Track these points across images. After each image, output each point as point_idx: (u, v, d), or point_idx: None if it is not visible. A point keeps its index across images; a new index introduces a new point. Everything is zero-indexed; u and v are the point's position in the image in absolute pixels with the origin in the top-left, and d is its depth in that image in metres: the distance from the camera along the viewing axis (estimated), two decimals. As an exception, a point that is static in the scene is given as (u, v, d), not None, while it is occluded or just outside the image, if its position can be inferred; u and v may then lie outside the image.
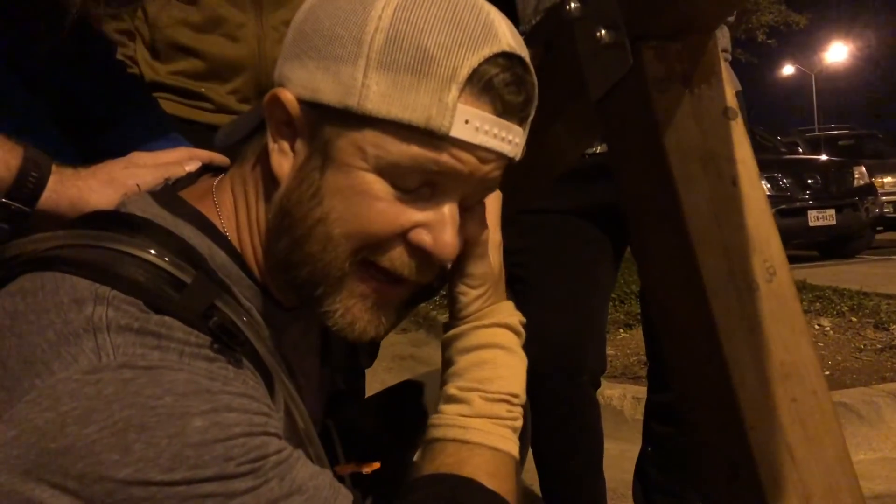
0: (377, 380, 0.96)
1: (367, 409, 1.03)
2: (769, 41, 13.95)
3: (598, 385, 1.58)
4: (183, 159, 0.79)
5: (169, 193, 0.69)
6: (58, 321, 0.55)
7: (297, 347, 0.75)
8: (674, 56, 0.68)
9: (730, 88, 0.70)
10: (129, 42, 1.29)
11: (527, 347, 1.51)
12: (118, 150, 0.82)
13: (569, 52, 0.77)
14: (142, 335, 0.56)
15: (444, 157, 0.60)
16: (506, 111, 0.62)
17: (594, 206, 1.47)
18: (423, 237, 0.63)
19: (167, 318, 0.58)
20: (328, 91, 0.60)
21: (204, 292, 0.60)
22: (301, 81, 0.62)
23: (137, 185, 0.75)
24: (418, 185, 0.62)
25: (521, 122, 0.64)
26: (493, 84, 0.60)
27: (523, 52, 0.63)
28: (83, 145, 0.98)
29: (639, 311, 4.08)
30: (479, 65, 0.59)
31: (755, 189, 0.68)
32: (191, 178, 0.75)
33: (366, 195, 0.61)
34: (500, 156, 0.63)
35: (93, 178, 0.76)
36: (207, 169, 0.78)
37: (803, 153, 10.23)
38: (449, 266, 0.71)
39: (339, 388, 0.92)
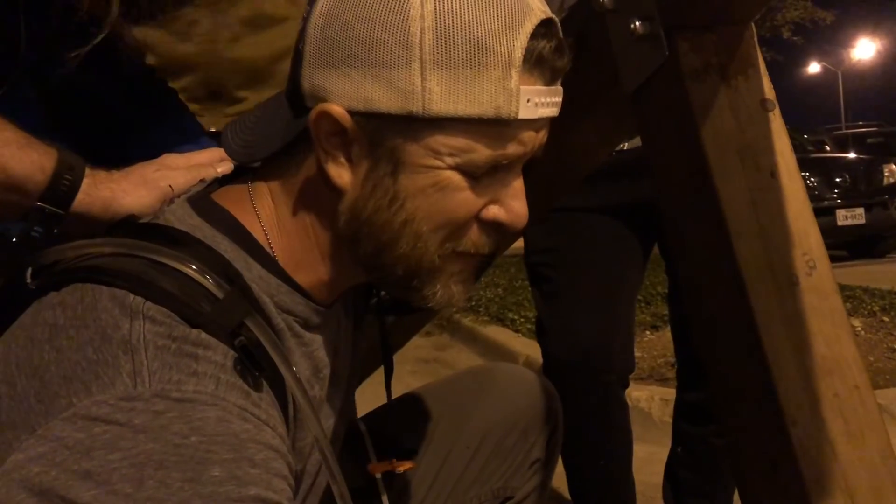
0: (402, 383, 0.96)
1: (394, 409, 1.03)
2: (795, 38, 13.79)
3: (627, 385, 1.57)
4: (214, 160, 0.79)
5: (206, 200, 0.69)
6: (97, 338, 0.56)
7: (334, 343, 0.75)
8: (710, 47, 0.67)
9: (767, 80, 0.69)
10: None
11: (554, 347, 1.51)
12: (149, 154, 0.82)
13: (601, 45, 0.76)
14: (179, 357, 0.55)
15: (513, 142, 0.62)
16: (554, 77, 0.64)
17: (622, 204, 1.46)
18: (497, 213, 0.66)
19: (204, 336, 0.57)
20: (384, 100, 0.60)
21: (235, 309, 0.60)
22: (347, 93, 0.61)
23: (170, 187, 0.76)
24: (487, 170, 0.64)
25: (561, 79, 0.66)
26: (544, 57, 0.62)
27: (549, 10, 0.63)
28: (114, 150, 0.99)
29: (665, 312, 4.04)
30: (528, 42, 0.60)
31: (794, 181, 0.67)
32: (223, 179, 0.75)
33: (447, 189, 0.63)
34: (551, 120, 0.66)
35: (125, 181, 0.76)
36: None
37: (831, 151, 10.09)
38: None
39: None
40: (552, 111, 0.64)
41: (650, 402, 2.66)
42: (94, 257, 0.61)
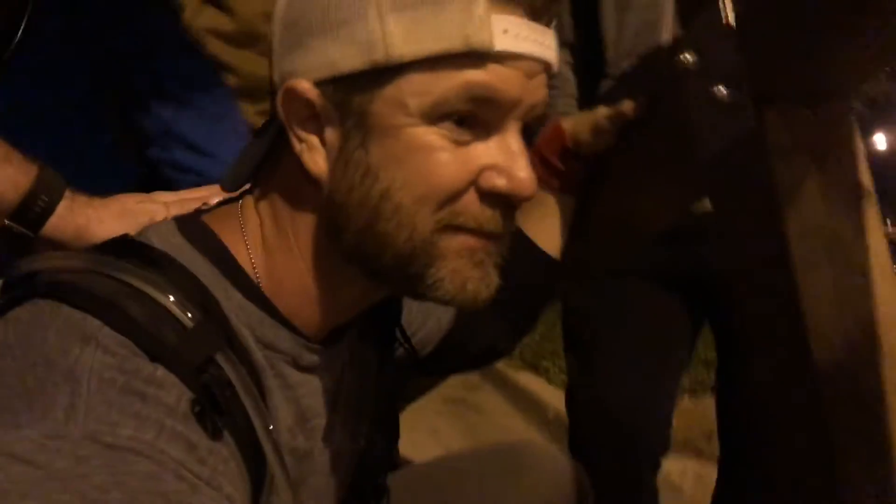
0: (426, 424, 0.89)
1: (417, 485, 0.96)
2: (865, 110, 13.55)
3: (658, 467, 1.46)
4: (206, 198, 0.73)
5: (193, 220, 0.64)
6: (40, 363, 0.50)
7: (333, 390, 0.69)
8: (802, 123, 0.59)
9: (864, 164, 0.61)
10: None
11: (583, 420, 1.42)
12: (188, 135, 0.82)
13: (677, 106, 0.69)
14: (124, 395, 0.49)
15: (492, 77, 0.55)
16: (535, 13, 0.57)
17: (676, 272, 1.37)
18: (495, 180, 0.57)
19: (160, 373, 0.51)
20: (347, 57, 0.55)
21: (205, 342, 0.54)
22: (311, 65, 0.57)
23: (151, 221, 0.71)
24: (472, 124, 0.56)
25: (548, 24, 0.58)
26: None
27: None
28: (152, 124, 0.97)
29: (705, 378, 3.87)
30: None
31: (887, 283, 0.59)
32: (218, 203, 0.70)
33: (422, 150, 0.55)
34: (543, 65, 0.58)
35: (104, 209, 0.73)
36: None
37: None
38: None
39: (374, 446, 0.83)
40: (542, 51, 0.57)
41: (682, 476, 2.52)
42: (63, 272, 0.56)
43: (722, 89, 0.62)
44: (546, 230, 0.89)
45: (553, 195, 0.88)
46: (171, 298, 0.54)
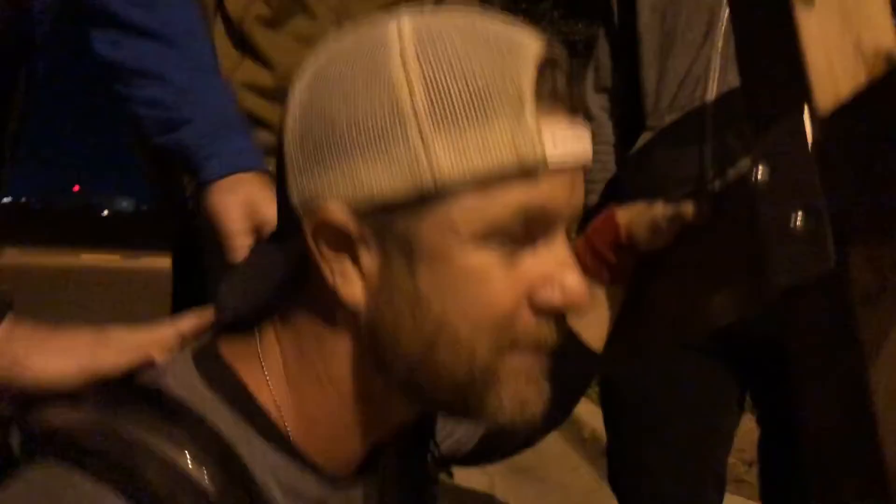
0: None
1: None
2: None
3: None
4: (168, 341, 0.64)
5: (212, 356, 0.60)
6: None
7: None
8: (891, 265, 0.53)
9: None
10: None
11: (623, 488, 1.34)
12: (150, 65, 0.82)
13: (745, 221, 0.64)
14: None
15: (543, 194, 0.52)
16: (573, 109, 0.54)
17: (725, 343, 1.28)
18: (549, 296, 0.54)
19: None
20: (387, 183, 0.51)
21: None
22: (342, 190, 0.53)
23: (99, 366, 0.62)
24: (520, 236, 0.53)
25: (580, 115, 0.56)
26: (557, 87, 0.52)
27: (540, 36, 0.55)
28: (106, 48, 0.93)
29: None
30: (535, 72, 0.51)
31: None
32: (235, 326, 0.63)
33: (476, 274, 0.52)
34: (583, 164, 0.55)
35: (49, 342, 0.63)
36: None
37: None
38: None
39: None
40: (583, 150, 0.54)
41: (722, 513, 2.44)
42: (76, 430, 0.53)
43: (800, 216, 0.56)
44: (592, 322, 0.85)
45: (601, 287, 0.83)
46: (189, 459, 0.52)
